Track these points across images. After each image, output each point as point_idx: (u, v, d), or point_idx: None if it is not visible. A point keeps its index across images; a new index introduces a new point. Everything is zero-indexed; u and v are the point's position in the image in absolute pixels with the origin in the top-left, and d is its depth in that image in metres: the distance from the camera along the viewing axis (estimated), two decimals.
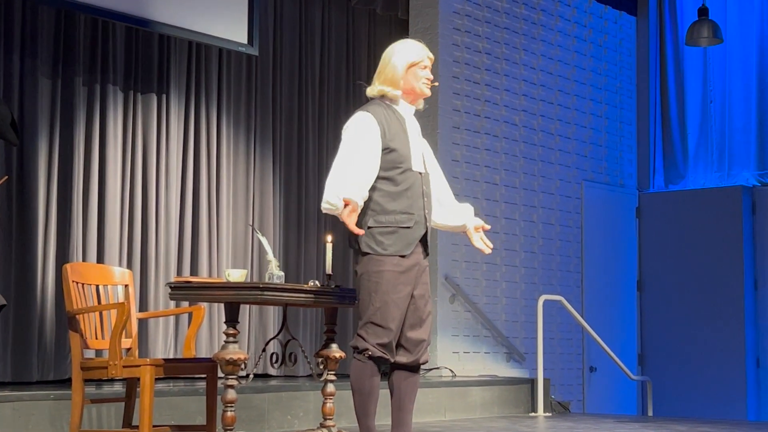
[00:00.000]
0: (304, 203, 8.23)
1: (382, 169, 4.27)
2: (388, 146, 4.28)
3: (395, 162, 4.28)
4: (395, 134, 4.31)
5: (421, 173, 4.37)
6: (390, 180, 4.28)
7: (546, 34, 9.87)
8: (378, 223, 4.25)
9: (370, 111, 4.33)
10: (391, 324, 4.21)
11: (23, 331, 6.43)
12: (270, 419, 6.15)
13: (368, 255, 4.25)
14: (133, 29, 7.12)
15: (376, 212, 4.26)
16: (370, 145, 4.25)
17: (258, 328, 7.77)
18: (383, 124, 4.30)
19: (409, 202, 4.28)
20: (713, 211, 10.41)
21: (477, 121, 9.10)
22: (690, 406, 9.98)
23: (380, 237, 4.24)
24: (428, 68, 4.42)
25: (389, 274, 4.22)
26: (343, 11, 8.71)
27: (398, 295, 4.23)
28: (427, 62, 4.41)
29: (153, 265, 7.13)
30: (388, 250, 4.23)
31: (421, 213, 4.31)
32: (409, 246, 4.26)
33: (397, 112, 4.39)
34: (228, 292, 4.48)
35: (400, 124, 4.36)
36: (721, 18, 10.42)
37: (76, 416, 4.68)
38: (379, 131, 4.27)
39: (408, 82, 4.38)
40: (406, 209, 4.27)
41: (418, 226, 4.30)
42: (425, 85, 4.40)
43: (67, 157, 6.75)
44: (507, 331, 9.17)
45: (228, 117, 7.73)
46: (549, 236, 9.76)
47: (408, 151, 4.32)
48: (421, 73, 4.39)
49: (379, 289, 4.21)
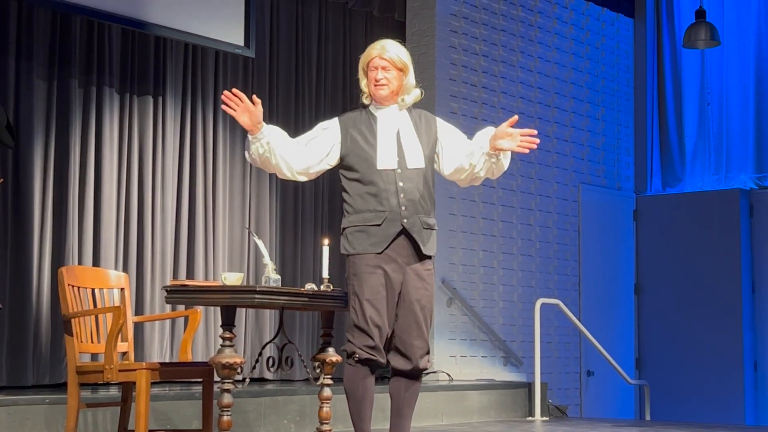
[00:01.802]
0: (301, 206, 8.21)
1: (351, 170, 4.37)
2: (349, 147, 4.37)
3: (358, 162, 4.34)
4: (359, 136, 4.38)
5: (395, 170, 4.34)
6: (358, 181, 4.35)
7: (543, 36, 9.85)
8: (350, 223, 4.35)
9: (339, 116, 4.51)
10: (371, 324, 4.23)
11: (18, 335, 6.41)
12: (266, 423, 6.13)
13: (349, 258, 4.34)
14: (129, 31, 7.10)
15: (348, 213, 4.37)
16: (315, 134, 4.43)
17: (254, 331, 7.75)
18: (346, 126, 4.41)
19: (376, 200, 4.30)
20: (711, 214, 10.40)
21: (474, 124, 9.07)
22: (688, 410, 9.96)
23: (351, 236, 4.33)
24: (379, 68, 4.38)
25: (365, 276, 4.26)
26: (339, 13, 8.69)
27: (376, 296, 4.25)
28: (376, 62, 4.38)
29: (149, 268, 7.10)
30: (357, 248, 4.29)
31: (396, 210, 4.29)
32: (380, 244, 4.27)
33: (369, 113, 4.45)
34: (224, 296, 4.46)
35: (369, 124, 4.41)
36: (719, 20, 10.41)
37: (71, 421, 4.66)
38: (337, 130, 4.40)
39: (368, 86, 4.44)
40: (374, 207, 4.29)
41: (390, 223, 4.29)
42: (377, 87, 4.39)
43: (63, 159, 6.72)
44: (504, 334, 9.14)
45: (224, 119, 7.70)
46: (546, 239, 9.74)
47: (373, 150, 4.34)
48: (371, 75, 4.41)
49: (357, 291, 4.28)
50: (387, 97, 4.41)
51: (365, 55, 4.44)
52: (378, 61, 4.38)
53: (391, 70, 4.39)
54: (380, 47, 4.41)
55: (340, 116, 4.49)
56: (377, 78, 4.38)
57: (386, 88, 4.39)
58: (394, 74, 4.39)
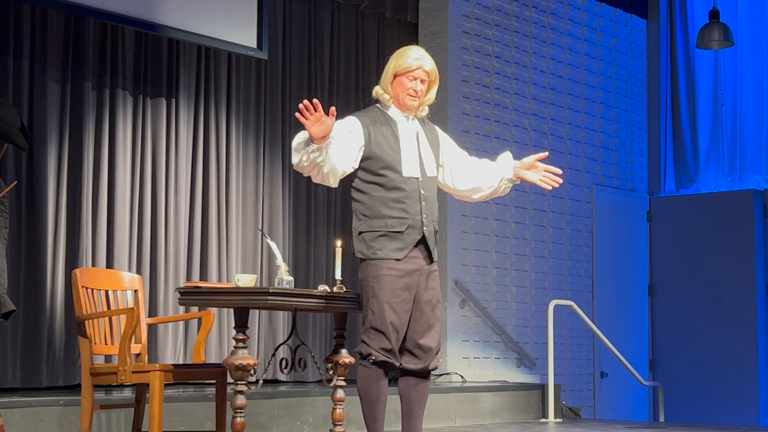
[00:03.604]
0: (314, 208, 8.21)
1: (370, 173, 4.30)
2: (373, 151, 4.29)
3: (383, 168, 4.28)
4: (383, 140, 4.31)
5: (418, 178, 4.34)
6: (380, 185, 4.29)
7: (556, 37, 9.84)
8: (369, 227, 4.29)
9: (357, 116, 4.38)
10: (390, 328, 4.21)
11: (32, 337, 6.42)
12: (279, 425, 6.13)
13: (366, 261, 4.29)
14: (142, 33, 7.12)
15: (368, 217, 4.30)
16: (345, 140, 4.25)
17: (267, 333, 7.76)
18: (368, 128, 4.32)
19: (401, 207, 4.27)
20: (725, 215, 10.37)
21: (486, 125, 9.07)
22: (702, 411, 9.92)
23: (371, 242, 4.27)
24: (418, 80, 4.34)
25: (386, 278, 4.23)
26: (352, 15, 8.69)
27: (396, 299, 4.23)
28: (417, 73, 4.33)
29: (162, 270, 7.11)
30: (378, 254, 4.25)
31: (417, 218, 4.29)
32: (401, 250, 4.25)
33: (389, 117, 4.39)
34: (237, 298, 4.47)
35: (390, 129, 4.36)
36: (732, 21, 10.38)
37: (85, 422, 4.67)
38: (361, 132, 4.29)
39: (395, 90, 4.38)
40: (398, 214, 4.26)
41: (413, 230, 4.28)
42: (409, 97, 4.35)
43: (77, 161, 6.74)
44: (517, 336, 9.13)
45: (237, 121, 7.71)
46: (559, 241, 9.72)
47: (398, 156, 4.30)
48: (408, 84, 4.35)
49: (376, 293, 4.23)
50: (413, 108, 4.40)
51: (401, 60, 4.35)
52: (420, 72, 4.34)
53: (426, 83, 4.38)
54: (420, 57, 4.36)
55: (357, 115, 4.40)
56: (415, 89, 4.34)
57: (417, 101, 4.38)
58: (425, 87, 4.39)
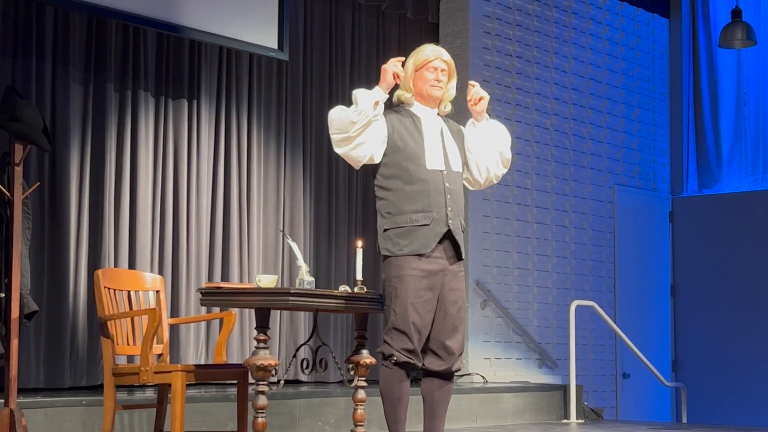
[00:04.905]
0: (335, 208, 8.22)
1: (394, 167, 4.31)
2: (396, 144, 4.31)
3: (406, 160, 4.30)
4: (406, 133, 4.34)
5: (443, 171, 4.34)
6: (402, 179, 4.30)
7: (577, 36, 9.80)
8: (394, 224, 4.29)
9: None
10: (413, 329, 4.19)
11: (55, 337, 6.46)
12: (301, 425, 6.13)
13: (388, 259, 4.28)
14: (164, 35, 7.14)
15: (392, 214, 4.30)
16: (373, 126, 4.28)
17: (289, 333, 7.76)
18: (392, 121, 4.35)
19: (426, 200, 4.27)
20: (747, 215, 10.31)
21: (508, 125, 8.93)
22: (725, 412, 9.87)
23: (396, 238, 4.27)
24: (439, 70, 4.41)
25: (409, 279, 4.22)
26: (373, 16, 8.69)
27: (419, 299, 4.21)
28: (437, 64, 4.42)
29: (184, 270, 7.13)
30: (404, 250, 4.24)
31: (441, 210, 4.28)
32: (427, 245, 4.24)
33: (411, 113, 4.43)
34: (259, 298, 4.47)
35: (413, 123, 4.39)
36: (755, 19, 10.31)
37: (107, 422, 4.69)
38: (384, 125, 4.32)
39: (417, 85, 4.43)
40: (422, 208, 4.26)
41: (437, 223, 4.27)
42: (433, 87, 4.41)
43: (99, 163, 6.77)
44: (539, 336, 9.11)
45: (258, 122, 7.73)
46: (581, 241, 9.69)
47: (421, 149, 4.32)
48: (429, 76, 4.41)
49: (399, 294, 4.22)
50: (437, 99, 4.44)
51: (419, 55, 4.44)
52: (439, 63, 4.42)
53: (446, 73, 4.45)
54: (437, 49, 4.46)
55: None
56: (437, 78, 4.41)
57: (441, 90, 4.43)
58: (446, 78, 4.45)
